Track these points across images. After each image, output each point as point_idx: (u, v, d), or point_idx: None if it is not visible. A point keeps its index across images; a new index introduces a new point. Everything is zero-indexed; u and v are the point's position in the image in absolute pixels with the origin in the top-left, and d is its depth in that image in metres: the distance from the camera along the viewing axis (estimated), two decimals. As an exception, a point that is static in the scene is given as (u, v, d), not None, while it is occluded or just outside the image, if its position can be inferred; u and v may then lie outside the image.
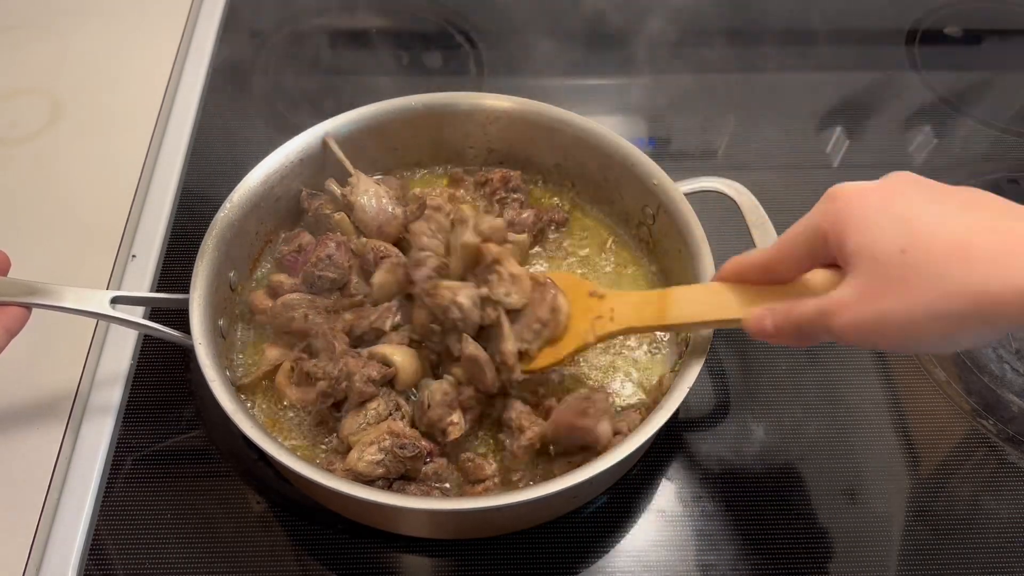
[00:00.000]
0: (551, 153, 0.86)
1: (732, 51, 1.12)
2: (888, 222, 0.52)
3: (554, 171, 0.87)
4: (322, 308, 0.74)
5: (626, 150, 0.80)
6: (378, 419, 0.67)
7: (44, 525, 0.68)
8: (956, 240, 0.49)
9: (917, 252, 0.50)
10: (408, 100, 0.84)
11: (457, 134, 0.86)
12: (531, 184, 0.88)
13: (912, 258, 0.50)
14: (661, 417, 0.63)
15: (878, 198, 0.54)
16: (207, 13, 1.11)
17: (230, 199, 0.75)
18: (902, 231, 0.51)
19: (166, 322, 0.71)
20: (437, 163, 0.89)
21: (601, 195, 0.85)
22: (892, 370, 0.81)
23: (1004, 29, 1.17)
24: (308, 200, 0.80)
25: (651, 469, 0.74)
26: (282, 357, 0.72)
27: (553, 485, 0.60)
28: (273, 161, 0.78)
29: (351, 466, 0.64)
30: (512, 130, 0.86)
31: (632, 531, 0.71)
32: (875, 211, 0.53)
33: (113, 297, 0.68)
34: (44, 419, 0.73)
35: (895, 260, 0.51)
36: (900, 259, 0.51)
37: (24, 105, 0.97)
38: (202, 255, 0.71)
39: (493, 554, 0.69)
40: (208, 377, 0.64)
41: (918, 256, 0.50)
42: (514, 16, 1.15)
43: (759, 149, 1.00)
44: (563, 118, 0.83)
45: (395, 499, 0.60)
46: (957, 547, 0.70)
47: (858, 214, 0.54)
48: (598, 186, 0.85)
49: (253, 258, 0.80)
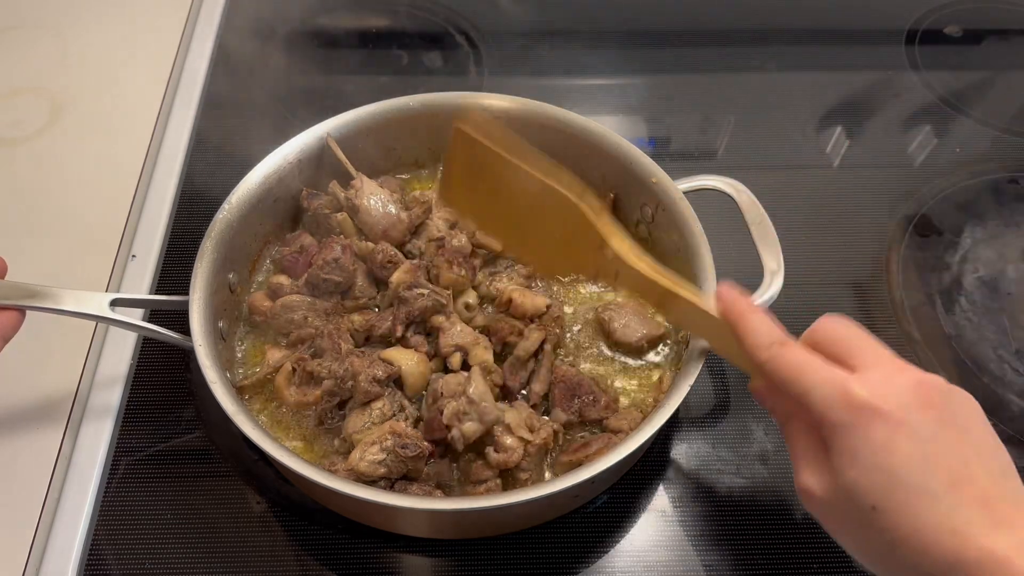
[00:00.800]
0: (550, 153, 0.86)
1: (732, 51, 1.12)
2: (875, 468, 0.50)
3: None
4: (322, 310, 0.74)
5: (625, 149, 0.80)
6: (383, 418, 0.67)
7: (44, 525, 0.68)
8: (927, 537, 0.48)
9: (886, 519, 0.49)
10: (406, 100, 0.84)
11: None
12: None
13: (879, 521, 0.49)
14: (661, 417, 0.63)
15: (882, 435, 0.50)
16: (207, 13, 1.11)
17: (229, 200, 0.75)
18: (884, 488, 0.49)
19: (166, 324, 0.71)
20: (436, 163, 0.89)
21: (599, 194, 0.85)
22: (892, 370, 0.81)
23: (1004, 29, 1.17)
24: (308, 200, 0.80)
25: (651, 469, 0.74)
26: (284, 359, 0.72)
27: (554, 485, 0.60)
28: (272, 162, 0.78)
29: (353, 466, 0.64)
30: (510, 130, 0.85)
31: (632, 531, 0.71)
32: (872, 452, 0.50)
33: (112, 300, 0.68)
34: (44, 420, 0.73)
35: (864, 510, 0.50)
36: (869, 515, 0.50)
37: (24, 105, 0.97)
38: (201, 256, 0.71)
39: (493, 554, 0.69)
40: (209, 379, 0.64)
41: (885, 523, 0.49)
42: (514, 16, 1.16)
43: (759, 149, 1.00)
44: (561, 117, 0.83)
45: (396, 499, 0.60)
46: (957, 547, 0.70)
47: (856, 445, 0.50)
48: (596, 185, 0.85)
49: (252, 259, 0.80)
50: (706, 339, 0.65)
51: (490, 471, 0.66)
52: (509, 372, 0.71)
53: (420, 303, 0.71)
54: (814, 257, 0.89)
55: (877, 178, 0.97)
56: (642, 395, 0.73)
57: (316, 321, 0.73)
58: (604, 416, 0.70)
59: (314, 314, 0.74)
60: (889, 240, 0.91)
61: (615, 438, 0.67)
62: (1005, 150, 1.02)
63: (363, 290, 0.75)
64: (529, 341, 0.71)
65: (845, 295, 0.86)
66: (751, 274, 0.73)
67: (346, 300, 0.75)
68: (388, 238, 0.77)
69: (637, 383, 0.74)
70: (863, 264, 0.89)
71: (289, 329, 0.74)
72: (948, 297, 0.87)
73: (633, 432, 0.63)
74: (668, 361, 0.75)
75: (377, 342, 0.72)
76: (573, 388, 0.71)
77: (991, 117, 1.04)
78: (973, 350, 0.82)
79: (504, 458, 0.65)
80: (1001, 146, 1.02)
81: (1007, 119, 1.05)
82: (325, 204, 0.80)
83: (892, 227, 0.92)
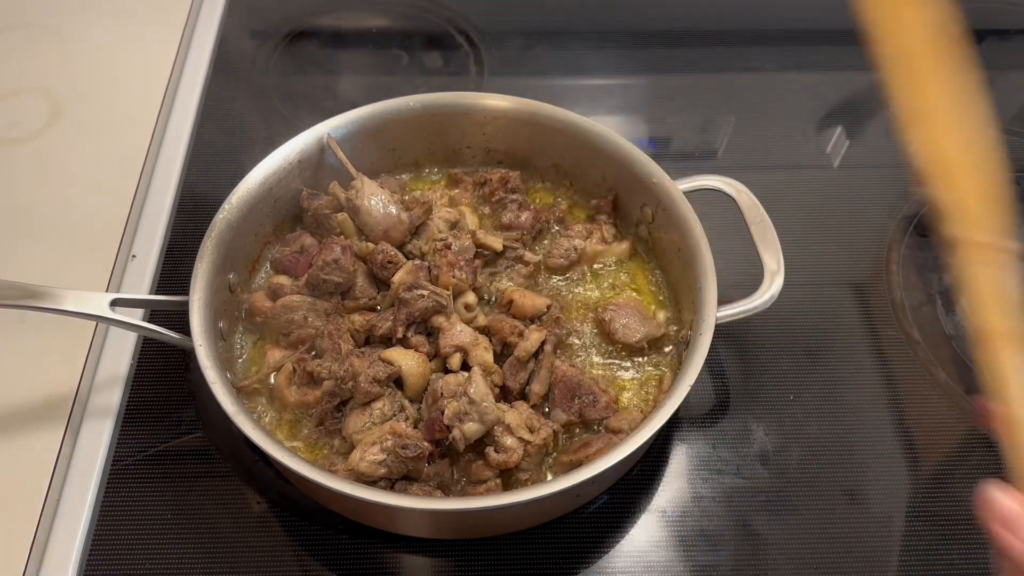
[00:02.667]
0: (549, 153, 0.86)
1: (732, 51, 1.12)
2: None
3: (552, 171, 0.87)
4: (322, 311, 0.74)
5: (625, 149, 0.80)
6: (383, 419, 0.67)
7: (44, 525, 0.68)
8: None
9: None
10: (406, 100, 0.84)
11: (455, 134, 0.86)
12: (531, 184, 0.88)
13: None
14: (662, 417, 0.63)
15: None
16: (207, 13, 1.11)
17: (229, 200, 0.75)
18: None
19: (166, 324, 0.71)
20: (435, 163, 0.89)
21: (599, 194, 0.85)
22: (892, 370, 0.81)
23: (1004, 29, 1.17)
24: (309, 200, 0.80)
25: (651, 469, 0.74)
26: (284, 359, 0.72)
27: (554, 485, 0.60)
28: (272, 162, 0.78)
29: (353, 466, 0.64)
30: (509, 130, 0.86)
31: (632, 531, 0.71)
32: None
33: (113, 300, 0.68)
34: (44, 420, 0.73)
35: None
36: None
37: (24, 105, 0.97)
38: (201, 256, 0.71)
39: (494, 554, 0.69)
40: (209, 379, 0.64)
41: None
42: (514, 16, 1.15)
43: (759, 149, 1.00)
44: (561, 117, 0.83)
45: (395, 499, 0.60)
46: (957, 547, 0.70)
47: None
48: (596, 185, 0.85)
49: (252, 260, 0.80)
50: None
51: (490, 471, 0.66)
52: (509, 372, 0.71)
53: (421, 304, 0.71)
54: (814, 257, 0.89)
55: (877, 178, 0.97)
56: (642, 395, 0.73)
57: (316, 321, 0.73)
58: (604, 416, 0.70)
59: (314, 314, 0.74)
60: (889, 240, 0.91)
61: (615, 438, 0.67)
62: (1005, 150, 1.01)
63: (363, 290, 0.75)
64: (529, 342, 0.71)
65: (845, 295, 0.86)
66: (752, 274, 0.73)
67: (346, 300, 0.75)
68: (389, 239, 0.77)
69: (637, 383, 0.74)
70: (863, 264, 0.89)
71: (289, 329, 0.74)
72: (948, 297, 0.87)
73: (633, 432, 0.63)
74: (669, 361, 0.75)
75: (378, 342, 0.72)
76: (573, 388, 0.71)
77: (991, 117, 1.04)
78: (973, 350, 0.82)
79: (504, 458, 0.65)
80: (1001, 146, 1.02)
81: (1007, 119, 1.05)
82: (325, 204, 0.80)
83: (892, 227, 0.92)
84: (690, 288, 0.73)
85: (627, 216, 0.83)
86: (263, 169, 0.78)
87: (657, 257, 0.82)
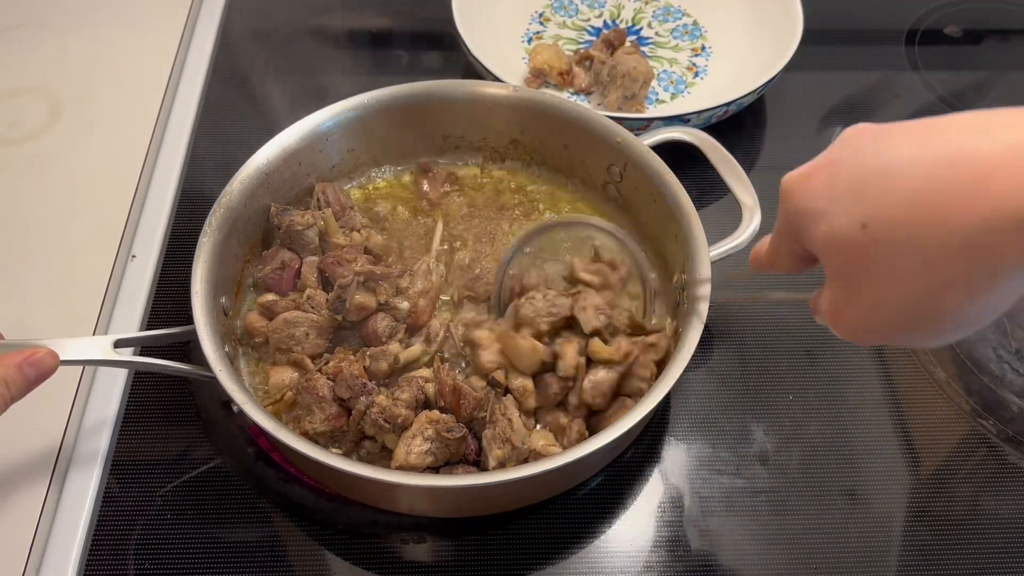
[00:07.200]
0: (511, 131, 0.87)
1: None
2: (840, 199, 0.44)
3: (511, 148, 0.88)
4: (325, 327, 0.73)
5: (585, 114, 0.82)
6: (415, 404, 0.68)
7: (43, 528, 0.68)
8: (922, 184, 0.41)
9: (880, 217, 0.42)
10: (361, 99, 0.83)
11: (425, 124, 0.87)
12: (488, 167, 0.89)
13: (876, 229, 0.42)
14: (663, 388, 0.63)
15: (824, 178, 0.46)
16: (207, 13, 1.11)
17: (209, 222, 0.72)
18: (857, 202, 0.43)
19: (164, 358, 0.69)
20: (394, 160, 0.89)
21: (561, 164, 0.86)
22: (892, 370, 0.81)
23: (1004, 29, 1.17)
24: (279, 216, 0.77)
25: (651, 469, 0.74)
26: (290, 383, 0.72)
27: (553, 461, 0.60)
28: (245, 175, 0.76)
29: (401, 462, 0.65)
30: (466, 113, 0.86)
31: (629, 534, 0.71)
32: (822, 195, 0.45)
33: (115, 340, 0.66)
34: (44, 417, 0.73)
35: (859, 240, 0.43)
36: (864, 236, 0.43)
37: (24, 105, 0.97)
38: (194, 283, 0.68)
39: (489, 534, 0.70)
40: (239, 400, 0.62)
41: (881, 221, 0.42)
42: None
43: (759, 149, 1.00)
44: (515, 93, 0.84)
45: (392, 476, 0.61)
46: (957, 547, 0.70)
47: (807, 206, 0.46)
48: (557, 156, 0.86)
49: (236, 281, 0.78)
50: None
51: (558, 384, 0.68)
52: None
53: None
54: (814, 257, 0.89)
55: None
56: None
57: (318, 339, 0.73)
58: None
59: (316, 330, 0.73)
60: (889, 240, 0.91)
61: (628, 401, 0.68)
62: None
63: None
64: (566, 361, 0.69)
65: (845, 295, 0.86)
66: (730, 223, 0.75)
67: None
68: None
69: None
70: (863, 264, 0.89)
71: (289, 345, 0.73)
72: (948, 297, 0.87)
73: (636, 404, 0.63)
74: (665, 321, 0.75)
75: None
76: None
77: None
78: (973, 350, 0.82)
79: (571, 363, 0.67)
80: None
81: (1007, 119, 1.04)
82: (296, 220, 0.77)
83: (892, 227, 0.92)
84: (674, 237, 0.74)
85: (594, 180, 0.85)
86: (239, 186, 0.75)
87: (629, 213, 0.83)
